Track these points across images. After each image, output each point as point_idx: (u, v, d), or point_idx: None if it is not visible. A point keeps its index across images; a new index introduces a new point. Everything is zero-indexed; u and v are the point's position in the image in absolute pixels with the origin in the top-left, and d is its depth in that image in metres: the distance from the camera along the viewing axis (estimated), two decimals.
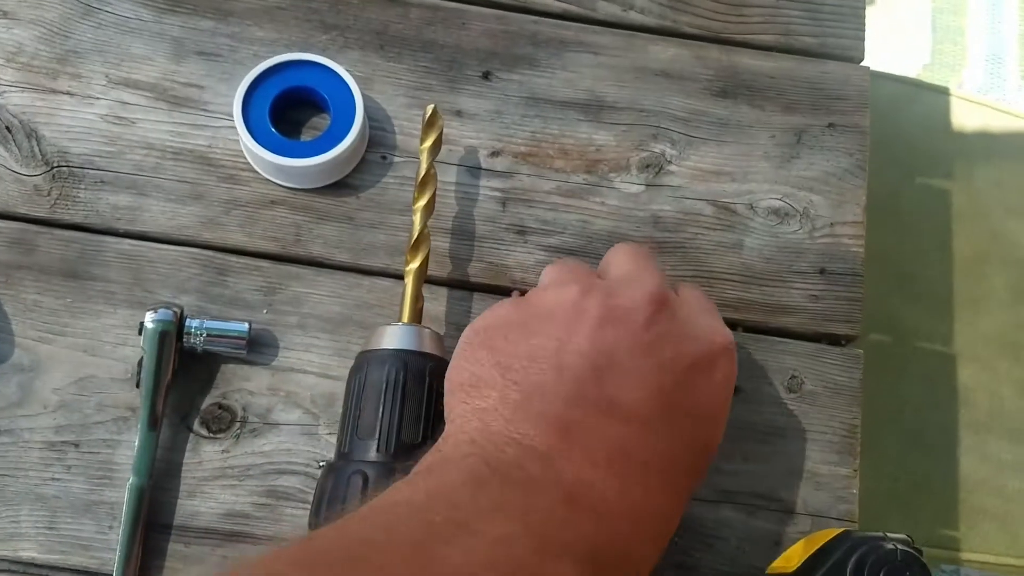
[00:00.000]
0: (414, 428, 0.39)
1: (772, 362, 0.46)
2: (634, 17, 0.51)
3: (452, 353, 0.39)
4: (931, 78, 1.46)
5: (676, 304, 0.39)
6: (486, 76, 0.50)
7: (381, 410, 0.39)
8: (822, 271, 0.47)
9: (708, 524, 0.43)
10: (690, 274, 0.47)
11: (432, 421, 0.40)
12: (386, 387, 0.40)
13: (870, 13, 0.52)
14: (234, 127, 0.47)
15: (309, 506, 0.42)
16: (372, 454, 0.39)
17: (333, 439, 0.44)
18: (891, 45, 1.27)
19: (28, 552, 0.42)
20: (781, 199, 0.48)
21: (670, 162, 0.48)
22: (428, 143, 0.45)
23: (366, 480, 0.37)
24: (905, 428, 0.69)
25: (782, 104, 0.50)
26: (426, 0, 0.50)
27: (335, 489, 0.38)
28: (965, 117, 0.77)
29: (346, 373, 0.44)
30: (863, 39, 0.51)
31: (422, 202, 0.44)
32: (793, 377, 0.45)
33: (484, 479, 0.33)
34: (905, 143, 0.75)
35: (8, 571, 0.42)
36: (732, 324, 0.46)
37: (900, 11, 1.30)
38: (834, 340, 0.47)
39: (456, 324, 0.46)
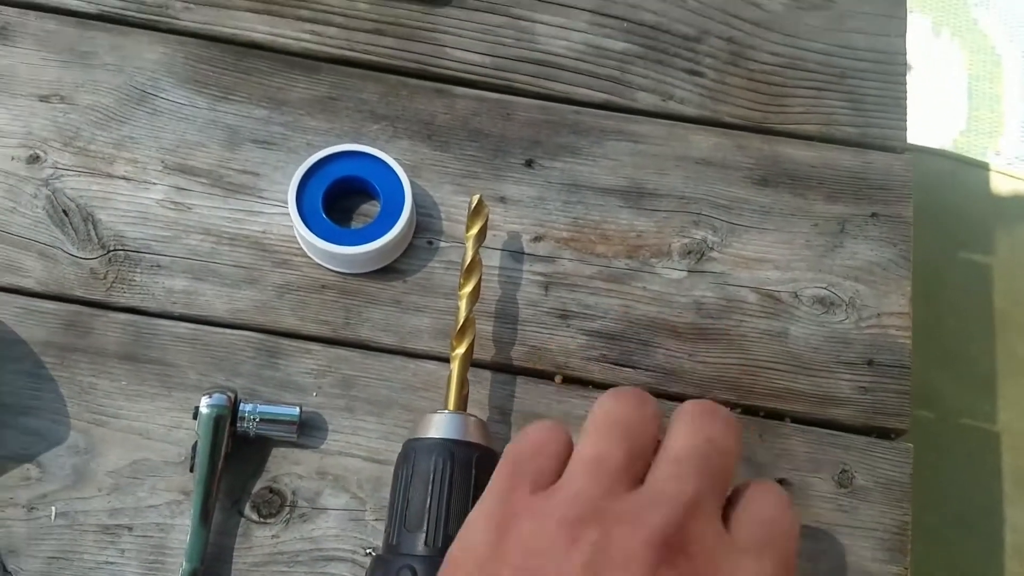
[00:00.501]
0: (460, 521, 0.39)
1: (822, 455, 0.46)
2: (674, 107, 0.52)
3: (496, 441, 0.40)
4: (967, 145, 1.46)
5: (698, 544, 0.31)
6: (529, 164, 0.51)
7: (428, 502, 0.39)
8: (870, 362, 0.47)
9: None
10: (736, 363, 0.47)
11: None
12: (433, 478, 0.40)
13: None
14: (287, 213, 0.49)
15: None
16: (420, 547, 0.39)
17: (380, 525, 0.44)
18: (927, 112, 1.28)
19: None
20: (826, 288, 0.48)
21: (712, 248, 0.49)
22: (474, 231, 0.46)
23: (414, 574, 0.38)
24: (950, 508, 0.68)
25: (824, 193, 0.50)
26: (472, 92, 0.52)
27: None
28: (1004, 188, 0.77)
29: (392, 457, 0.45)
30: (905, 129, 0.51)
31: (468, 288, 0.45)
32: (844, 471, 0.45)
33: None
34: (945, 216, 0.75)
35: None
36: (779, 415, 0.47)
37: (936, 78, 1.30)
38: (883, 433, 0.47)
39: (499, 408, 0.46)
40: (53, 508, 0.44)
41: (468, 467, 0.40)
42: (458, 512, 0.39)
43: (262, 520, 0.44)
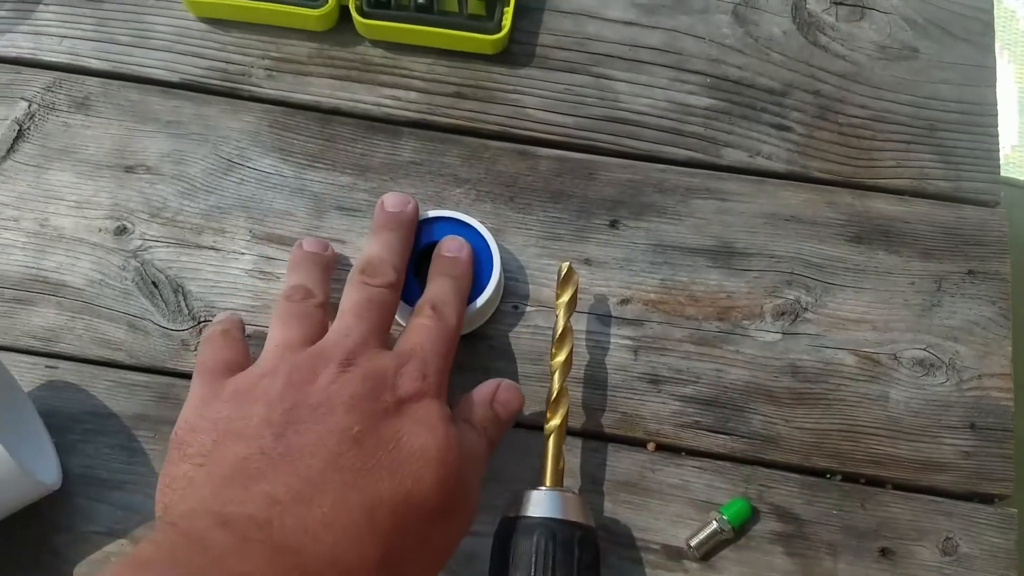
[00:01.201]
0: None
1: (925, 523, 0.44)
2: (761, 163, 0.51)
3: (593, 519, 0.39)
4: (1020, 159, 1.45)
5: (367, 359, 0.40)
6: (614, 224, 0.50)
7: None
8: (972, 426, 0.46)
9: None
10: (835, 428, 0.46)
11: None
12: (535, 560, 0.39)
13: None
14: None
15: None
16: None
17: None
18: None
19: None
20: (925, 349, 0.47)
21: (806, 309, 0.48)
22: (564, 299, 0.45)
23: None
24: None
25: (919, 250, 0.49)
26: (554, 152, 0.52)
27: None
28: None
29: (484, 529, 0.44)
30: (998, 182, 0.50)
31: (560, 358, 0.45)
32: (948, 539, 0.44)
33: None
34: None
35: None
36: (880, 482, 0.45)
37: None
38: (986, 499, 0.45)
39: (591, 477, 0.46)
40: None
41: (570, 547, 0.40)
42: None
43: None
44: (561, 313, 0.45)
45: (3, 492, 0.40)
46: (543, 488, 0.42)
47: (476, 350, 0.48)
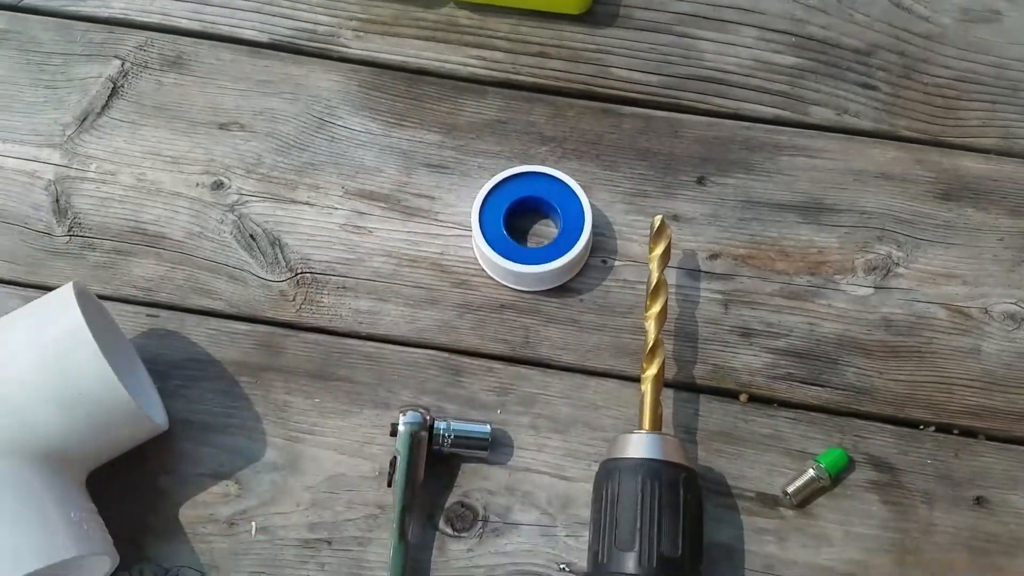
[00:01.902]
0: (673, 541, 0.39)
1: (1019, 472, 0.44)
2: (849, 121, 0.51)
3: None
4: None
5: None
6: (701, 181, 0.51)
7: (639, 522, 0.39)
8: None
9: None
10: (929, 380, 0.46)
11: (688, 534, 0.40)
12: (642, 498, 0.40)
13: None
14: (463, 235, 0.49)
15: None
16: (632, 566, 0.39)
17: (571, 541, 0.44)
18: None
19: None
20: (1016, 303, 0.47)
21: (898, 264, 0.48)
22: (657, 252, 0.46)
23: None
24: None
25: (1007, 207, 0.49)
26: (639, 111, 0.52)
27: None
28: None
29: (578, 475, 0.45)
30: None
31: (655, 309, 0.45)
32: None
33: None
34: None
35: None
36: (973, 432, 0.46)
37: None
38: None
39: (684, 427, 0.46)
40: (253, 524, 0.45)
41: (676, 487, 0.40)
42: (670, 533, 0.39)
43: (456, 534, 0.44)
44: (655, 266, 0.46)
45: (118, 428, 0.41)
46: (643, 431, 0.43)
47: (566, 303, 0.49)
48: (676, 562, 0.39)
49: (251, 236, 0.50)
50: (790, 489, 0.44)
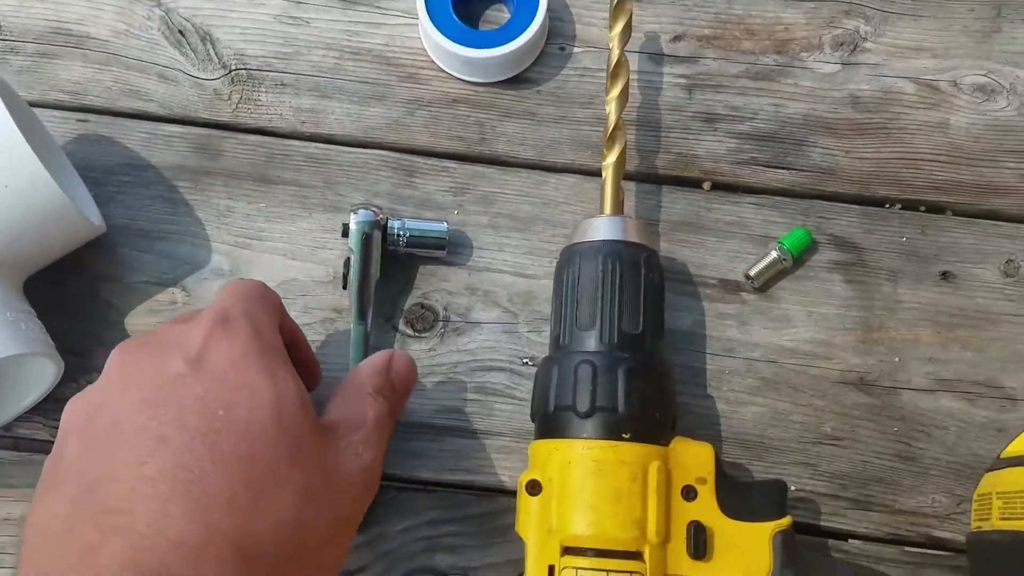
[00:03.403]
0: (634, 317, 0.38)
1: (986, 246, 0.44)
2: None
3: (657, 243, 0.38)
4: None
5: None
6: None
7: (600, 302, 0.38)
8: None
9: (927, 414, 0.42)
10: (896, 156, 0.45)
11: (649, 311, 0.39)
12: (603, 278, 0.39)
13: None
14: (409, 24, 0.46)
15: (516, 401, 0.42)
16: (593, 344, 0.38)
17: (534, 336, 0.43)
18: None
19: None
20: (986, 75, 0.46)
21: (865, 39, 0.46)
22: (617, 29, 0.43)
23: (595, 368, 0.37)
24: None
25: None
26: None
27: (562, 378, 0.38)
28: None
29: (539, 271, 0.44)
30: None
31: (615, 92, 0.43)
32: (1009, 261, 0.44)
33: None
34: None
35: None
36: (940, 208, 0.45)
37: None
38: None
39: (647, 218, 0.45)
40: None
41: (637, 265, 0.39)
42: (631, 309, 0.38)
43: (417, 335, 0.43)
44: (615, 44, 0.43)
45: (51, 226, 0.38)
46: (603, 215, 0.41)
47: (523, 95, 0.46)
48: (637, 337, 0.38)
49: (180, 32, 0.46)
50: (752, 272, 0.43)
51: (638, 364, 0.38)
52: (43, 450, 0.43)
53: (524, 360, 0.43)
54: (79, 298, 0.43)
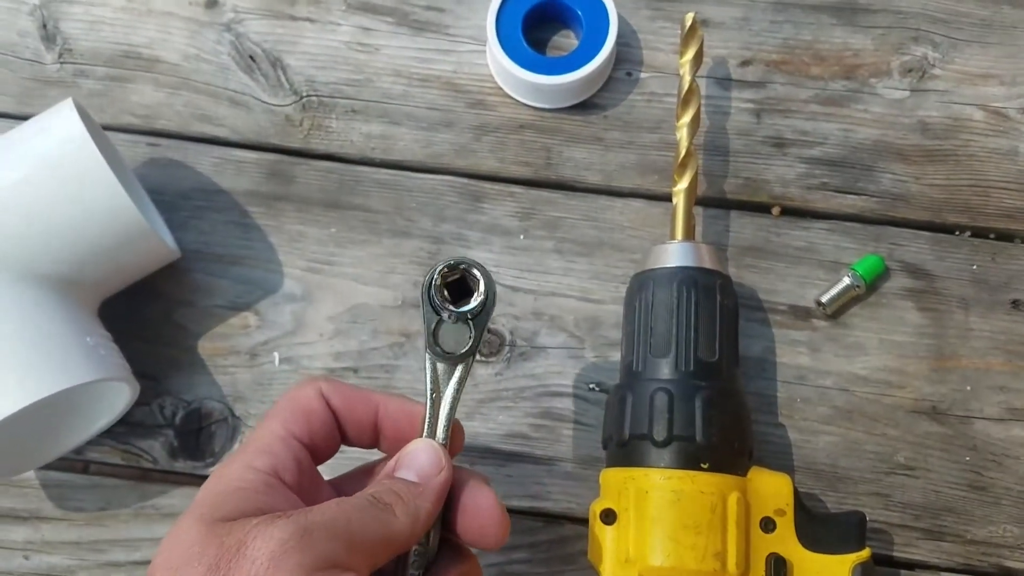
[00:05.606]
0: (710, 345, 0.38)
1: None
2: None
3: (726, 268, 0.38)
4: None
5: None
6: None
7: (675, 328, 0.38)
8: None
9: (999, 443, 0.42)
10: (965, 183, 0.45)
11: (724, 338, 0.39)
12: (677, 304, 0.39)
13: None
14: (476, 51, 0.46)
15: (582, 427, 0.43)
16: (668, 371, 0.38)
17: (600, 362, 0.43)
18: None
19: None
20: None
21: (934, 65, 0.46)
22: (688, 56, 0.43)
23: (671, 396, 0.37)
24: None
25: None
26: None
27: (637, 406, 0.38)
28: None
29: (606, 296, 0.44)
30: None
31: (686, 118, 0.43)
32: None
33: None
34: None
35: None
36: (1009, 236, 0.45)
37: None
38: None
39: (716, 243, 0.45)
40: (276, 354, 0.44)
41: (712, 292, 0.39)
42: (707, 336, 0.38)
43: (484, 359, 0.44)
44: (686, 71, 0.43)
45: (128, 250, 0.39)
46: (675, 241, 0.41)
47: (589, 121, 0.46)
48: (713, 365, 0.38)
49: (251, 57, 0.47)
50: (824, 299, 0.43)
51: (715, 392, 0.38)
52: (113, 474, 0.43)
53: (590, 386, 0.43)
54: (153, 322, 0.44)
